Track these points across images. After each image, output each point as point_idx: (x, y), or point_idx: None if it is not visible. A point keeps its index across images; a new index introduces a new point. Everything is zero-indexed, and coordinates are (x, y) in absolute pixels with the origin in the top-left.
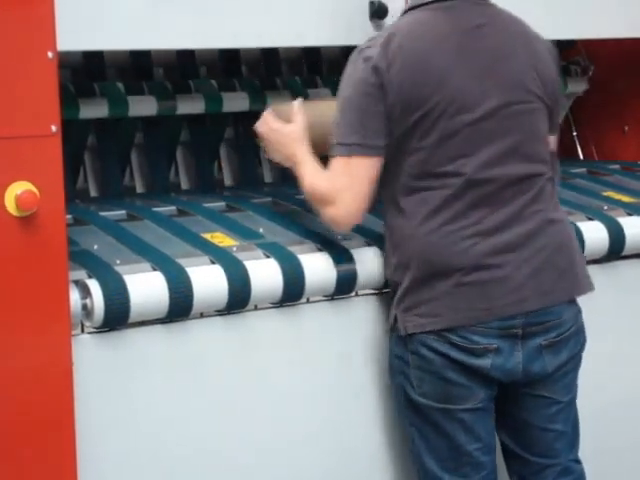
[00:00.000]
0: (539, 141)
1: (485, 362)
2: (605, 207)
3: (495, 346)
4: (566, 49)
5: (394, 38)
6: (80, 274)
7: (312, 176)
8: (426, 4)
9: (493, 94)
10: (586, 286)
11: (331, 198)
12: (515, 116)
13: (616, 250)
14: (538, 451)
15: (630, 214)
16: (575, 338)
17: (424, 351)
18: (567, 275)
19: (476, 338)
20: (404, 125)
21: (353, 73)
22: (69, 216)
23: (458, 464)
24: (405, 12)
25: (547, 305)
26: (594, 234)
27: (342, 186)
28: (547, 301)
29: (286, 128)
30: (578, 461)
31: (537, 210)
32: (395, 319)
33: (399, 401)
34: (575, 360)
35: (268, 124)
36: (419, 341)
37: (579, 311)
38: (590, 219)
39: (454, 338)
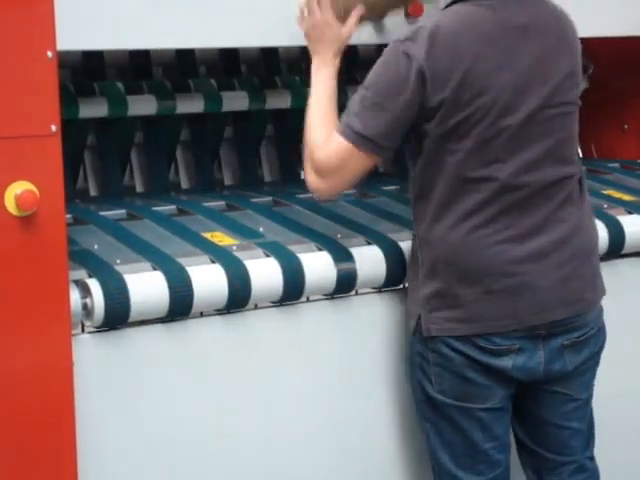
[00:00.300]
0: (573, 143)
1: (506, 362)
2: (605, 205)
3: (517, 346)
4: None
5: (438, 36)
6: (80, 274)
7: (319, 134)
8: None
9: (533, 97)
10: (603, 291)
11: (323, 172)
12: (553, 119)
13: (616, 248)
14: (553, 448)
15: (630, 212)
16: (596, 337)
17: (445, 350)
18: (592, 284)
19: (498, 340)
20: (444, 127)
21: (393, 67)
22: (69, 216)
23: (473, 461)
24: (446, 6)
25: (572, 315)
26: None
27: (337, 169)
28: (573, 311)
29: (333, 28)
30: (593, 459)
31: (566, 214)
32: (419, 318)
33: (416, 397)
34: (594, 359)
35: (321, 9)
36: (441, 340)
37: (601, 311)
38: None
39: (477, 340)
